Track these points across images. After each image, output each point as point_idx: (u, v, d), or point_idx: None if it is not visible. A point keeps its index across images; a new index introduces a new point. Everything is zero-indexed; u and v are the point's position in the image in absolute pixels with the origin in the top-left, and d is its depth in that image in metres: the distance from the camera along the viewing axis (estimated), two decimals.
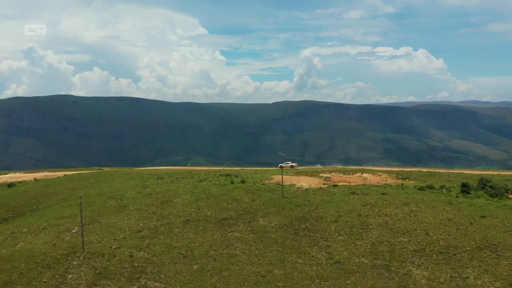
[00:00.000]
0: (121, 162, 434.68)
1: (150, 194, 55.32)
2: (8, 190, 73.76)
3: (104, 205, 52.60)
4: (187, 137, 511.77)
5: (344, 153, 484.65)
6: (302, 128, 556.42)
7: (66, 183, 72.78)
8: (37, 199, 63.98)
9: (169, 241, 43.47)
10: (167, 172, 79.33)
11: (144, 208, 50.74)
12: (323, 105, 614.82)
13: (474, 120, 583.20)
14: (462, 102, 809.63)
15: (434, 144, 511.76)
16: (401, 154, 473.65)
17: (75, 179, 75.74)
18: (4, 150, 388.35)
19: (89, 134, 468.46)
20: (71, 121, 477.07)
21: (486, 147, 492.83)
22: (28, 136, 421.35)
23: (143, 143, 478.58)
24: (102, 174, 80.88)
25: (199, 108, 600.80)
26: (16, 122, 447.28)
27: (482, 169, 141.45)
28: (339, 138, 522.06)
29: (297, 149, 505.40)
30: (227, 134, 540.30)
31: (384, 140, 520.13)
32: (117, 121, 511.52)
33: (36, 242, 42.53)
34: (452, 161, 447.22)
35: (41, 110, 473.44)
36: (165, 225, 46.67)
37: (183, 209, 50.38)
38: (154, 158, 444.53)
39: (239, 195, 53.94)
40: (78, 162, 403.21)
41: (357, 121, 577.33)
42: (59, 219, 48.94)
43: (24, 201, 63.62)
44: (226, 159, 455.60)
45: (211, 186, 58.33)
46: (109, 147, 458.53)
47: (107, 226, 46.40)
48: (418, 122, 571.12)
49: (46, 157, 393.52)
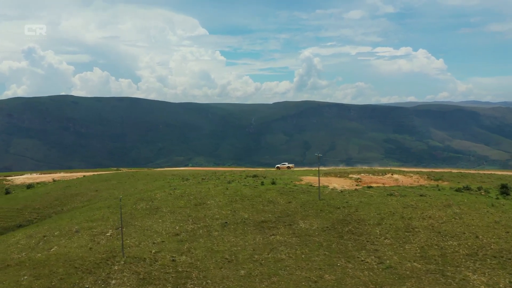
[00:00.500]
0: (122, 163, 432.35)
1: (182, 196, 53.77)
2: (28, 191, 72.45)
3: (135, 207, 51.00)
4: (187, 137, 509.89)
5: (345, 154, 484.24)
6: (303, 129, 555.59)
7: (87, 184, 71.39)
8: (60, 200, 62.59)
9: (210, 244, 41.96)
10: (190, 173, 77.88)
11: (178, 211, 49.23)
12: (324, 105, 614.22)
13: (475, 120, 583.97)
14: (462, 102, 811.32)
15: (435, 144, 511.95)
16: (402, 154, 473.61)
17: (96, 180, 74.34)
18: (5, 151, 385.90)
19: (89, 134, 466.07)
20: (72, 121, 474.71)
21: (487, 147, 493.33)
22: (29, 136, 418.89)
23: (143, 144, 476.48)
24: (123, 175, 79.33)
25: (200, 108, 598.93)
26: (17, 122, 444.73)
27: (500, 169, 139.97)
28: (340, 138, 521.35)
29: (298, 150, 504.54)
30: (228, 134, 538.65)
31: (385, 141, 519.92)
32: (118, 121, 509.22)
33: (70, 245, 40.99)
34: (454, 161, 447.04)
35: (41, 110, 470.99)
36: (202, 228, 45.16)
37: (218, 212, 48.87)
38: (155, 158, 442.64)
39: (274, 197, 52.48)
40: (79, 162, 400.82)
41: (358, 122, 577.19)
42: (90, 222, 47.35)
43: (47, 203, 62.27)
44: (227, 159, 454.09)
45: (242, 188, 56.84)
46: (110, 147, 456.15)
47: (143, 229, 44.85)
48: (419, 122, 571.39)
49: (47, 158, 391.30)
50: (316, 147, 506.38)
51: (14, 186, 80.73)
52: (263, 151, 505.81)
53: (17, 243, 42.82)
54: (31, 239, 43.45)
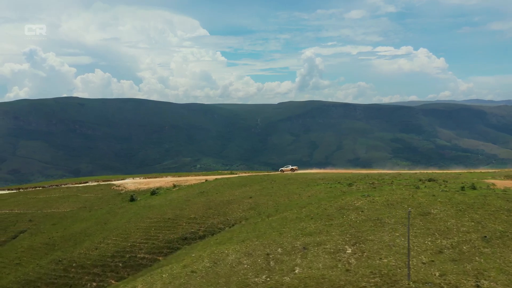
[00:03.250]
0: (130, 164, 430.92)
1: (391, 204, 46.19)
2: (158, 198, 66.99)
3: (347, 218, 43.72)
4: (194, 138, 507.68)
5: (352, 153, 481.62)
6: (309, 129, 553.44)
7: (224, 189, 65.10)
8: (215, 209, 55.27)
9: (497, 265, 33.47)
10: (342, 176, 70.53)
11: (404, 222, 41.14)
12: (329, 105, 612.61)
13: (481, 119, 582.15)
14: (466, 101, 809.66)
15: (443, 144, 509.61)
16: (410, 154, 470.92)
17: (230, 184, 67.80)
18: (12, 153, 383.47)
19: (96, 136, 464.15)
20: (78, 123, 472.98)
21: (495, 146, 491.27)
22: (35, 138, 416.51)
23: (150, 145, 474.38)
24: (257, 179, 72.08)
25: (204, 109, 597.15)
26: (23, 124, 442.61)
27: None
28: (346, 138, 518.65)
29: (305, 150, 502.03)
30: (234, 135, 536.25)
31: (392, 140, 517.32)
32: (123, 123, 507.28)
33: (314, 266, 34.57)
34: (462, 160, 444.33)
35: (47, 112, 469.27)
36: (462, 243, 37.23)
37: (459, 223, 40.83)
38: (162, 159, 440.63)
39: (506, 206, 43.80)
40: (86, 164, 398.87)
41: (364, 121, 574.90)
42: (309, 236, 40.28)
43: (200, 212, 54.63)
44: (234, 160, 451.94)
45: (455, 194, 48.23)
46: (117, 149, 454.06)
47: (387, 245, 37.06)
48: (425, 121, 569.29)
49: (54, 160, 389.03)
50: (323, 147, 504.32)
51: (131, 192, 75.79)
52: (270, 151, 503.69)
53: (238, 263, 35.89)
54: (250, 257, 36.61)
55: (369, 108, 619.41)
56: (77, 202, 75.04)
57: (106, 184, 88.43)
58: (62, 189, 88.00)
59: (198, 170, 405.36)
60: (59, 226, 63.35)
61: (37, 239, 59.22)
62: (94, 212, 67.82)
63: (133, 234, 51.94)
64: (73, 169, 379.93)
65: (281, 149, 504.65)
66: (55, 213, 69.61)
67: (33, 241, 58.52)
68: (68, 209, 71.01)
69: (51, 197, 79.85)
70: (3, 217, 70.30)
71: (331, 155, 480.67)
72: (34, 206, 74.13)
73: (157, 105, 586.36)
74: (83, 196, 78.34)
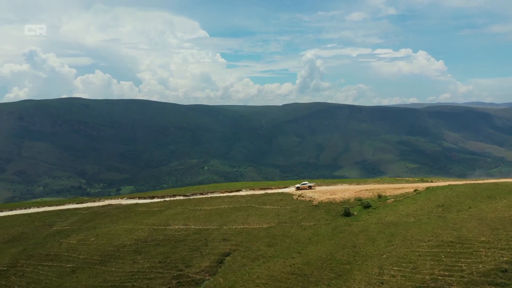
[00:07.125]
0: (135, 165, 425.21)
1: None
2: (384, 212, 53.88)
3: None
4: (199, 139, 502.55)
5: (359, 156, 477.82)
6: (315, 130, 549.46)
7: (469, 201, 54.43)
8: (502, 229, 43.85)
9: None
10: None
11: None
12: (334, 107, 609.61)
13: (486, 122, 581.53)
14: (468, 103, 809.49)
15: (449, 146, 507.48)
16: (417, 156, 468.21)
17: (470, 196, 56.87)
18: (18, 154, 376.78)
19: (101, 137, 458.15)
20: (83, 124, 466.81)
21: (502, 149, 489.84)
22: (40, 139, 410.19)
23: (155, 146, 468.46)
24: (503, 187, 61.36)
25: (209, 111, 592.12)
26: (28, 125, 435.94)
27: None
28: (353, 140, 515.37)
29: (312, 151, 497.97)
30: (240, 136, 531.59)
31: (399, 142, 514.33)
32: (128, 124, 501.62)
33: None
34: (470, 163, 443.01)
35: (51, 113, 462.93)
36: None
37: None
38: (168, 161, 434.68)
39: None
40: (92, 165, 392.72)
41: (370, 123, 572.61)
42: None
43: (486, 233, 42.43)
44: (241, 161, 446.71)
45: None
46: (122, 150, 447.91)
47: None
48: (431, 123, 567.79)
49: (60, 161, 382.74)
50: (330, 149, 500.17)
51: (333, 205, 60.32)
52: (276, 153, 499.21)
53: None
54: None
55: (374, 110, 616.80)
56: (265, 215, 57.90)
57: (281, 193, 71.17)
58: (222, 198, 71.67)
59: (206, 172, 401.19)
60: (277, 248, 46.77)
61: (271, 266, 41.47)
62: (311, 230, 51.12)
63: (418, 262, 37.87)
64: (79, 170, 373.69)
65: (288, 150, 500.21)
66: (250, 230, 52.79)
67: (267, 269, 40.80)
68: (264, 226, 53.83)
69: (220, 209, 63.09)
70: (182, 234, 53.51)
71: (339, 157, 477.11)
72: (208, 221, 57.60)
73: (161, 106, 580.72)
74: (266, 208, 61.36)
